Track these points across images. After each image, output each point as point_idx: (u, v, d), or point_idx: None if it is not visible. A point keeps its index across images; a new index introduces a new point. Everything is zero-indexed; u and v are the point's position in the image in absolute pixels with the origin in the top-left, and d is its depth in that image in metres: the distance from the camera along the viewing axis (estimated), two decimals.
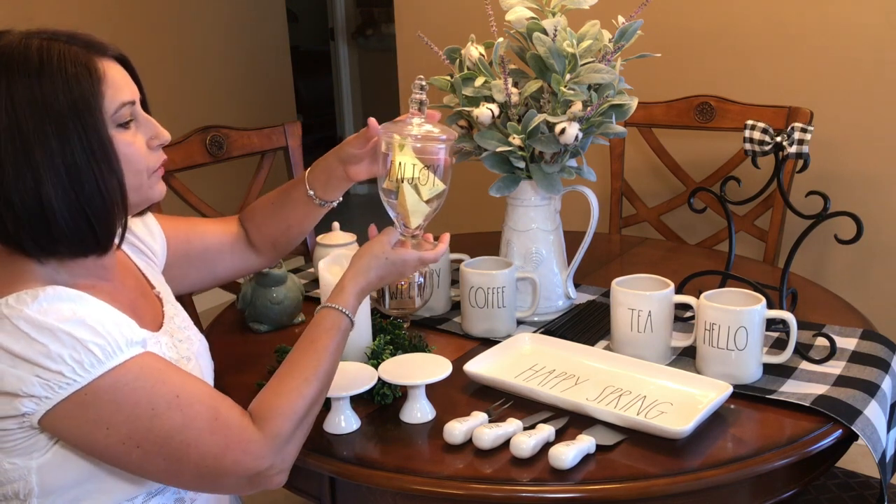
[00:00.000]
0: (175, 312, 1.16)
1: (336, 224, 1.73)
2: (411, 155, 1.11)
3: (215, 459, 0.94)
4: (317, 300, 1.57)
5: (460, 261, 1.49)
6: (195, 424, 0.93)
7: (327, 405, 1.17)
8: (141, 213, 1.16)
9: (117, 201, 0.96)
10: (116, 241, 0.99)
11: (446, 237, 1.21)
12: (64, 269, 0.98)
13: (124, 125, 0.97)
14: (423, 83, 1.16)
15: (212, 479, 0.96)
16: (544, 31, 1.38)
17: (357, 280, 1.11)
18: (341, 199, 1.30)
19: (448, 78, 1.49)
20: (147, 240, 1.22)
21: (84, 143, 0.92)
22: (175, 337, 1.11)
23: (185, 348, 1.11)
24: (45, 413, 0.89)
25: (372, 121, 1.18)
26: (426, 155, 1.13)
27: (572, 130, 1.35)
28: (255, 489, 0.99)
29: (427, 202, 1.14)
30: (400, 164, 1.11)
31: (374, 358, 1.25)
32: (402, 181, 1.11)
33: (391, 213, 1.17)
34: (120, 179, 0.96)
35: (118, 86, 0.96)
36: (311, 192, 1.27)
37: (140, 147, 1.00)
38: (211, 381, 1.17)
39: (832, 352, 1.24)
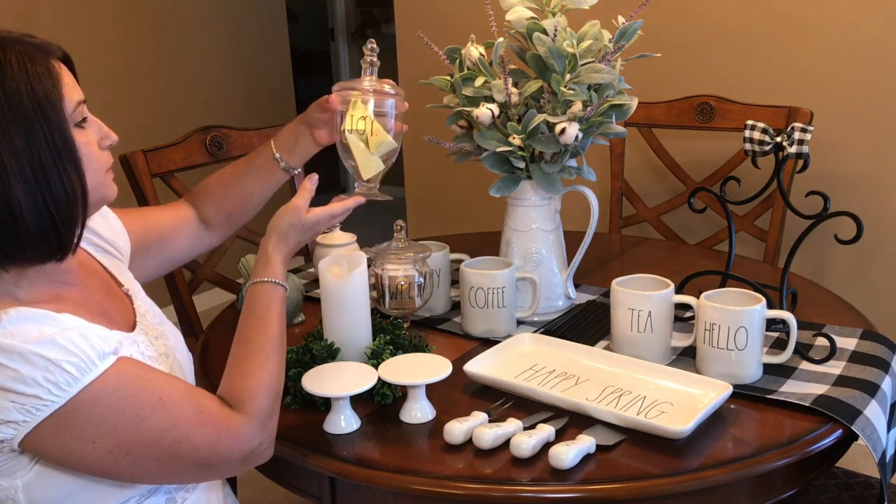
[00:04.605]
0: (147, 308, 1.15)
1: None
2: (362, 110, 1.19)
3: (209, 450, 0.95)
4: (317, 300, 1.57)
5: (460, 261, 1.49)
6: (183, 421, 0.94)
7: (327, 405, 1.18)
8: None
9: (80, 202, 0.95)
10: (75, 242, 0.97)
11: (357, 197, 1.21)
12: (25, 280, 0.95)
13: (80, 124, 0.96)
14: (374, 45, 1.25)
15: (207, 468, 0.97)
16: (544, 31, 1.38)
17: (280, 249, 1.14)
18: (300, 170, 1.34)
19: (448, 78, 1.49)
20: (109, 236, 1.20)
21: (50, 142, 0.90)
22: (150, 335, 1.10)
23: (162, 344, 1.10)
24: (25, 436, 0.88)
25: (333, 93, 1.25)
26: (375, 110, 1.21)
27: (572, 130, 1.35)
28: (248, 467, 1.02)
29: (377, 156, 1.21)
30: (350, 117, 1.19)
31: (374, 358, 1.25)
32: (351, 132, 1.20)
33: (348, 167, 1.24)
34: (82, 179, 0.95)
35: (70, 85, 0.95)
36: (278, 155, 1.31)
37: (95, 147, 0.99)
38: (191, 374, 1.17)
39: (832, 352, 1.24)
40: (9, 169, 0.88)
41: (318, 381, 1.16)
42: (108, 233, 1.20)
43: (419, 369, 1.19)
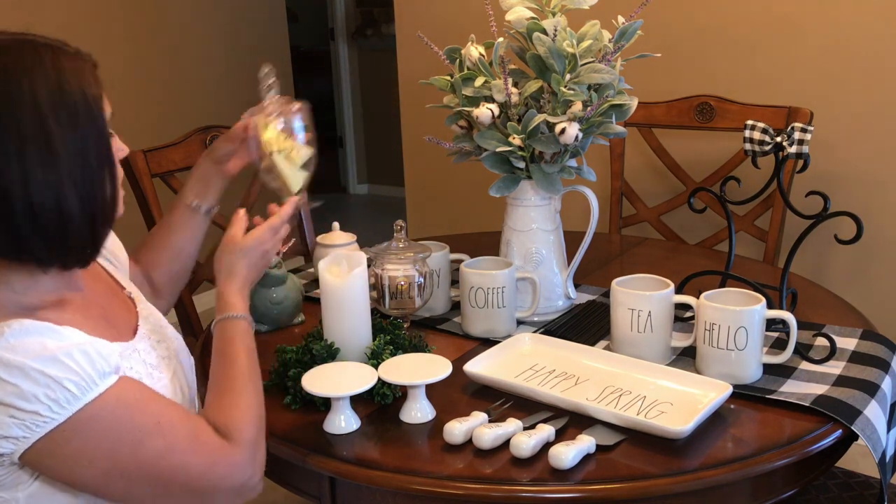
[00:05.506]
0: (149, 312, 1.16)
1: (336, 224, 1.73)
2: (275, 131, 1.23)
3: (203, 478, 0.95)
4: (317, 300, 1.57)
5: (460, 261, 1.49)
6: (179, 447, 0.93)
7: (327, 405, 1.18)
8: None
9: (115, 208, 0.97)
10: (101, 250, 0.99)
11: (292, 200, 1.23)
12: (30, 285, 0.95)
13: (110, 134, 0.98)
14: (267, 70, 1.27)
15: (199, 496, 0.96)
16: (544, 31, 1.38)
17: (230, 283, 1.13)
18: (218, 207, 1.34)
19: (448, 78, 1.49)
20: (110, 245, 1.22)
21: (96, 148, 0.92)
22: (152, 338, 1.10)
23: (164, 348, 1.11)
24: (24, 451, 0.88)
25: (242, 123, 1.26)
26: (288, 127, 1.24)
27: (572, 130, 1.35)
28: (242, 500, 1.00)
29: (301, 168, 1.25)
30: (268, 140, 1.23)
31: (374, 358, 1.25)
32: (274, 153, 1.23)
33: (274, 187, 1.26)
34: (115, 187, 0.96)
35: (105, 96, 0.97)
36: (195, 203, 1.31)
37: (117, 158, 1.00)
38: (192, 377, 1.17)
39: (832, 352, 1.24)
40: (64, 170, 0.89)
41: (318, 381, 1.16)
42: (109, 242, 1.20)
43: (419, 369, 1.19)
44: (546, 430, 1.09)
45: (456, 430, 1.10)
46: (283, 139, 1.23)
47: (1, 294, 0.93)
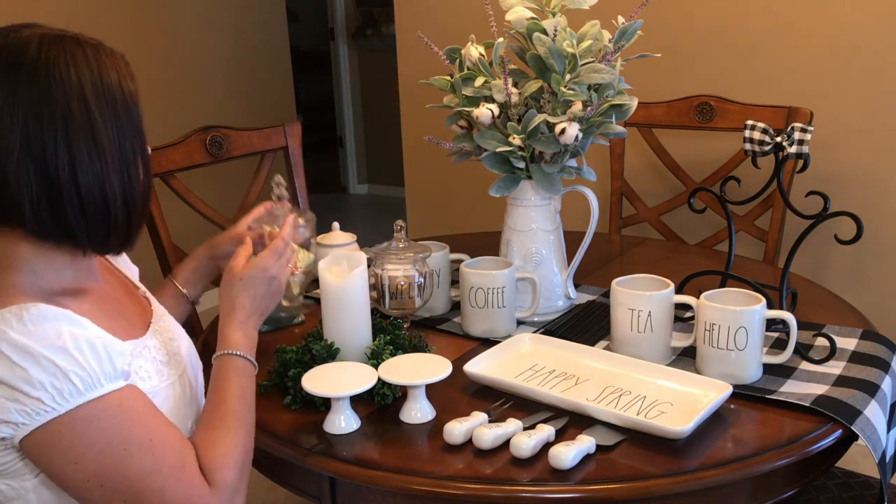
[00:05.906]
0: (163, 311, 1.17)
1: (336, 224, 1.73)
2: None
3: None
4: (317, 300, 1.57)
5: (460, 261, 1.49)
6: (164, 471, 0.93)
7: (327, 405, 1.18)
8: None
9: (149, 197, 1.01)
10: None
11: (291, 218, 1.24)
12: (55, 273, 0.96)
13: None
14: (280, 180, 1.32)
15: None
16: (544, 31, 1.38)
17: (230, 318, 1.11)
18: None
19: (448, 78, 1.49)
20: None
21: (133, 138, 0.96)
22: (164, 336, 1.11)
23: (175, 346, 1.12)
24: (23, 439, 0.88)
25: (244, 226, 1.31)
26: (296, 236, 1.28)
27: (572, 130, 1.35)
28: None
29: (302, 272, 1.33)
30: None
31: (374, 358, 1.25)
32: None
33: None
34: (149, 179, 1.00)
35: None
36: (186, 292, 1.34)
37: None
38: (201, 379, 1.17)
39: (832, 352, 1.24)
40: (108, 158, 0.93)
41: (318, 381, 1.16)
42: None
43: (419, 369, 1.19)
44: (546, 430, 1.09)
45: (456, 430, 1.10)
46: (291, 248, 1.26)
47: (24, 277, 0.94)
